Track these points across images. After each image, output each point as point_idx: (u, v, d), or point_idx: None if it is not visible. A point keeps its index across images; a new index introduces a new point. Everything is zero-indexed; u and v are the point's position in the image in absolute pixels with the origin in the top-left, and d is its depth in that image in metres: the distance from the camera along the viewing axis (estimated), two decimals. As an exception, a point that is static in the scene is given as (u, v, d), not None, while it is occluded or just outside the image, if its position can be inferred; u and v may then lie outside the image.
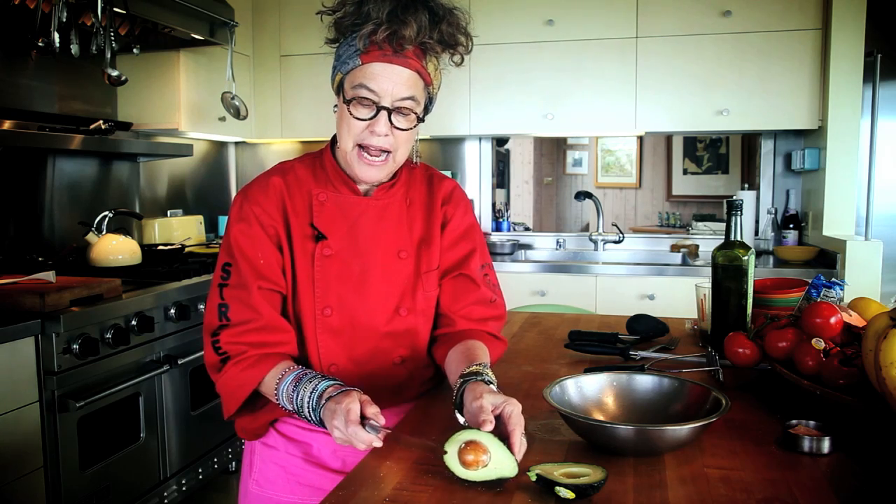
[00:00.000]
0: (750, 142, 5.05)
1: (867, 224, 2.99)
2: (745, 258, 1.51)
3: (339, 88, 1.24)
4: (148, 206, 3.42)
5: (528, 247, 3.90)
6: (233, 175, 4.18)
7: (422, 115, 1.25)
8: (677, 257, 3.64)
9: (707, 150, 5.68)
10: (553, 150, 6.14)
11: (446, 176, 1.42)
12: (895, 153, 3.51)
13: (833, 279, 1.54)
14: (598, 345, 1.58)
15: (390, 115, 1.20)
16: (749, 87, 3.25)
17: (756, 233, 3.62)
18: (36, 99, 2.76)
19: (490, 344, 1.31)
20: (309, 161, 1.33)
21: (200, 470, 2.66)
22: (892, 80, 3.42)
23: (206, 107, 3.37)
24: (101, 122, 2.80)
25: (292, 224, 1.26)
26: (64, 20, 2.36)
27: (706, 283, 1.65)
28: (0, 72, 2.60)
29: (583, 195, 3.82)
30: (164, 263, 2.78)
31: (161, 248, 2.98)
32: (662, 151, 5.88)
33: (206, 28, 3.01)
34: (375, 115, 1.19)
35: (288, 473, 1.32)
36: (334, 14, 1.22)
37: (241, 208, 1.26)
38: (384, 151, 1.22)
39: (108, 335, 2.15)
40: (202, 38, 3.02)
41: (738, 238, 1.52)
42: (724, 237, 1.54)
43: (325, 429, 1.08)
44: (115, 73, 2.72)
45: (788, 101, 3.22)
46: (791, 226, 3.49)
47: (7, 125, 2.54)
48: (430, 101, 1.28)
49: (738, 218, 1.53)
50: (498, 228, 4.00)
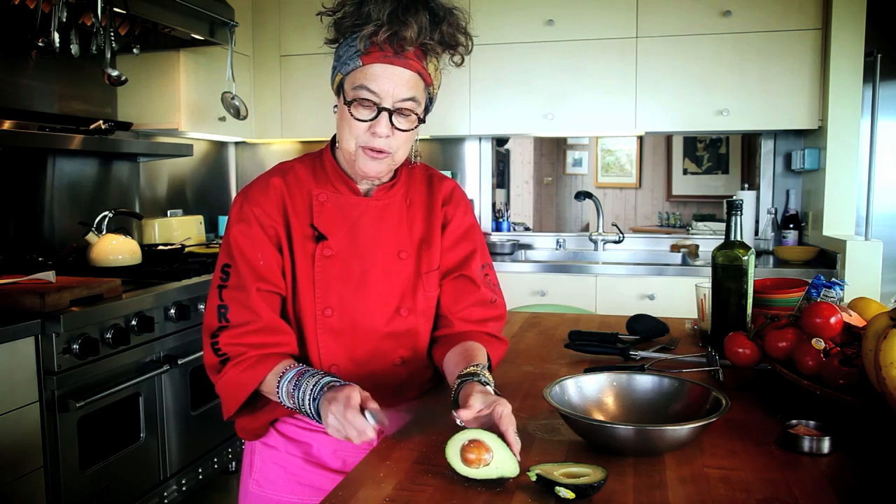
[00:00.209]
0: (750, 142, 5.05)
1: (867, 224, 2.99)
2: (745, 258, 1.51)
3: (340, 89, 1.24)
4: (148, 206, 3.43)
5: (528, 247, 3.90)
6: (233, 175, 4.18)
7: (422, 115, 1.25)
8: (677, 257, 3.64)
9: (707, 150, 5.68)
10: (553, 150, 6.14)
11: (446, 176, 1.42)
12: (895, 153, 3.51)
13: (833, 279, 1.54)
14: (598, 345, 1.58)
15: (391, 116, 1.20)
16: (749, 87, 3.25)
17: (756, 233, 3.62)
18: (36, 99, 2.76)
19: (490, 345, 1.31)
20: (309, 161, 1.33)
21: (200, 470, 2.66)
22: (892, 80, 3.42)
23: (206, 107, 3.37)
24: (101, 122, 2.80)
25: (293, 224, 1.26)
26: (64, 20, 2.36)
27: (706, 283, 1.65)
28: (0, 72, 2.61)
29: (583, 195, 3.82)
30: (164, 263, 2.78)
31: (161, 248, 2.98)
32: (662, 151, 5.88)
33: (206, 28, 3.01)
34: (376, 117, 1.19)
35: (288, 473, 1.32)
36: (334, 15, 1.22)
37: (241, 209, 1.26)
38: (385, 152, 1.22)
39: (108, 335, 2.15)
40: (202, 38, 3.02)
41: (738, 238, 1.52)
42: (724, 237, 1.54)
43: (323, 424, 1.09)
44: (115, 73, 2.72)
45: (788, 101, 3.22)
46: (791, 226, 3.49)
47: (7, 125, 2.54)
48: (430, 101, 1.28)
49: (738, 218, 1.53)
50: (498, 228, 4.00)
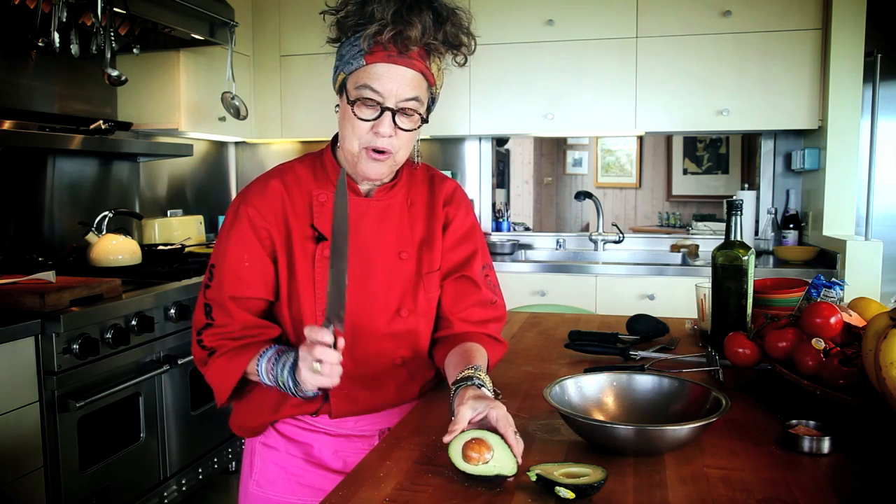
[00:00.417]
0: (750, 142, 5.05)
1: (867, 224, 2.99)
2: (745, 258, 1.51)
3: (342, 89, 1.23)
4: (148, 206, 3.42)
5: (528, 247, 3.90)
6: (233, 175, 4.18)
7: (425, 115, 1.25)
8: (677, 257, 3.64)
9: (707, 150, 5.68)
10: (553, 150, 6.14)
11: (447, 177, 1.42)
12: (895, 153, 3.51)
13: (833, 279, 1.54)
14: (598, 345, 1.58)
15: (394, 116, 1.19)
16: (749, 87, 3.25)
17: (756, 233, 3.62)
18: (36, 99, 2.76)
19: (489, 346, 1.30)
20: (309, 161, 1.32)
21: (200, 470, 2.66)
22: (892, 80, 3.42)
23: (206, 107, 3.37)
24: (101, 122, 2.79)
25: (292, 226, 1.26)
26: (64, 20, 2.36)
27: (706, 283, 1.65)
28: (0, 72, 2.61)
29: (583, 195, 3.82)
30: (164, 263, 2.78)
31: (161, 248, 2.98)
32: (662, 151, 5.87)
33: (206, 28, 3.01)
34: (379, 116, 1.19)
35: (288, 474, 1.32)
36: (337, 14, 1.21)
37: (237, 210, 1.27)
38: (387, 152, 1.22)
39: (108, 335, 2.15)
40: (202, 38, 3.02)
41: (738, 238, 1.52)
42: (724, 237, 1.54)
43: (302, 396, 1.15)
44: (115, 73, 2.72)
45: (788, 101, 3.22)
46: (791, 226, 3.49)
47: (7, 125, 2.54)
48: (432, 101, 1.27)
49: (738, 218, 1.52)
50: (498, 228, 4.00)
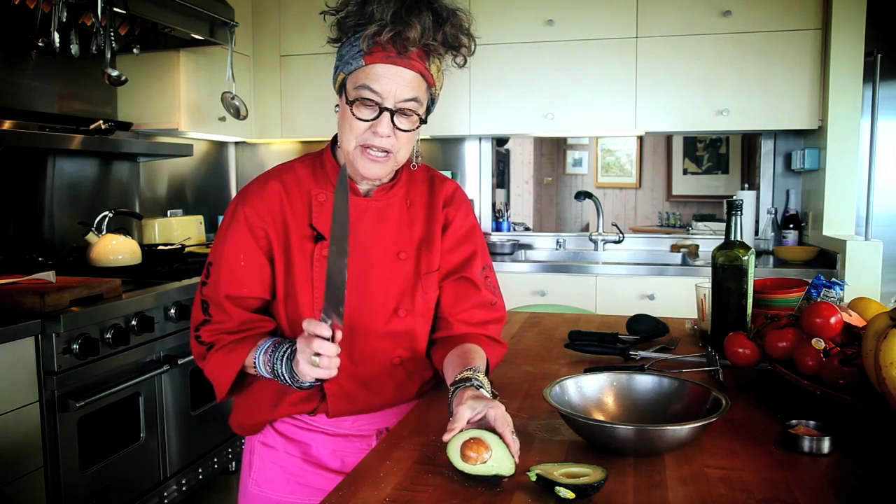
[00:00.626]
0: (750, 142, 5.05)
1: (867, 224, 2.99)
2: (745, 258, 1.51)
3: (342, 88, 1.23)
4: (148, 206, 3.42)
5: (528, 247, 3.90)
6: (233, 175, 4.18)
7: (424, 115, 1.25)
8: (677, 257, 3.64)
9: (707, 150, 5.68)
10: (553, 150, 6.14)
11: (447, 177, 1.42)
12: (895, 153, 3.51)
13: (833, 279, 1.54)
14: (598, 345, 1.58)
15: (393, 117, 1.20)
16: (749, 87, 3.25)
17: (756, 233, 3.62)
18: (36, 99, 2.76)
19: (489, 348, 1.30)
20: (309, 161, 1.33)
21: (200, 470, 2.66)
22: (892, 80, 3.42)
23: (206, 107, 3.37)
24: (101, 122, 2.80)
25: (290, 226, 1.26)
26: (64, 20, 2.36)
27: (706, 283, 1.65)
28: (0, 72, 2.61)
29: (583, 195, 3.82)
30: (164, 263, 2.78)
31: (161, 248, 2.98)
32: (662, 151, 5.87)
33: (206, 28, 3.01)
34: (378, 116, 1.19)
35: (287, 473, 1.32)
36: (337, 14, 1.22)
37: (234, 209, 1.27)
38: (386, 151, 1.22)
39: (108, 335, 2.15)
40: (202, 38, 3.02)
41: (738, 238, 1.52)
42: (724, 237, 1.54)
43: (298, 387, 1.16)
44: (115, 73, 2.72)
45: (788, 101, 3.22)
46: (791, 226, 3.48)
47: (7, 125, 2.54)
48: (432, 101, 1.28)
49: (738, 218, 1.52)
50: (498, 228, 4.00)
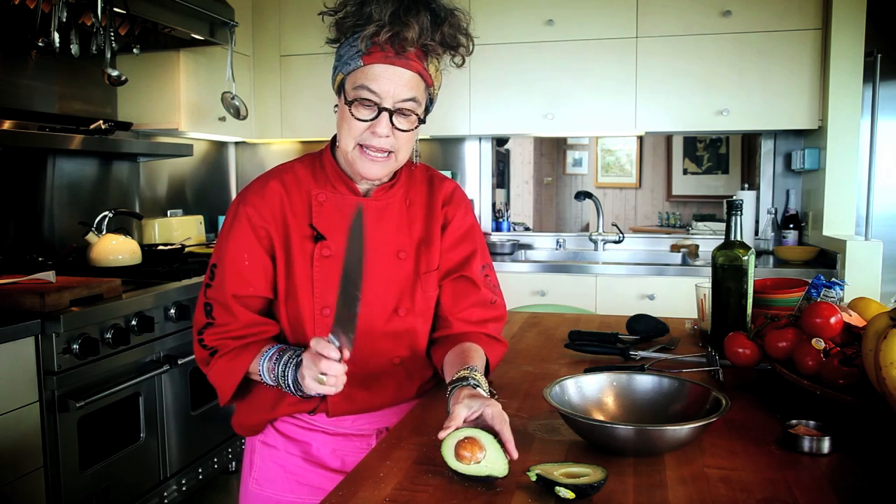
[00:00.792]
0: (750, 142, 5.05)
1: (867, 224, 2.99)
2: (745, 258, 1.51)
3: (341, 89, 1.24)
4: (148, 206, 3.42)
5: (528, 247, 3.90)
6: (233, 175, 4.18)
7: (423, 115, 1.25)
8: (677, 257, 3.64)
9: (707, 150, 5.68)
10: (553, 150, 6.14)
11: (447, 177, 1.42)
12: (895, 153, 3.51)
13: (833, 279, 1.54)
14: (598, 345, 1.58)
15: (391, 117, 1.20)
16: (749, 87, 3.25)
17: (756, 233, 3.62)
18: (36, 99, 2.76)
19: (489, 346, 1.30)
20: (309, 161, 1.33)
21: (200, 470, 2.66)
22: (892, 80, 3.42)
23: (206, 107, 3.37)
24: (101, 122, 2.80)
25: (291, 226, 1.26)
26: (64, 20, 2.36)
27: (706, 283, 1.65)
28: (0, 72, 2.61)
29: (583, 195, 3.82)
30: (164, 263, 2.78)
31: (161, 248, 2.98)
32: (662, 151, 5.87)
33: (206, 28, 3.01)
34: (377, 117, 1.19)
35: (287, 473, 1.32)
36: (336, 14, 1.22)
37: (236, 209, 1.28)
38: (385, 151, 1.22)
39: (108, 335, 2.15)
40: (202, 38, 3.02)
41: (738, 238, 1.52)
42: (724, 237, 1.54)
43: (302, 395, 1.16)
44: (115, 73, 2.72)
45: (788, 101, 3.22)
46: (791, 226, 3.48)
47: (7, 125, 2.54)
48: (430, 101, 1.28)
49: (738, 218, 1.52)
50: (498, 228, 4.00)
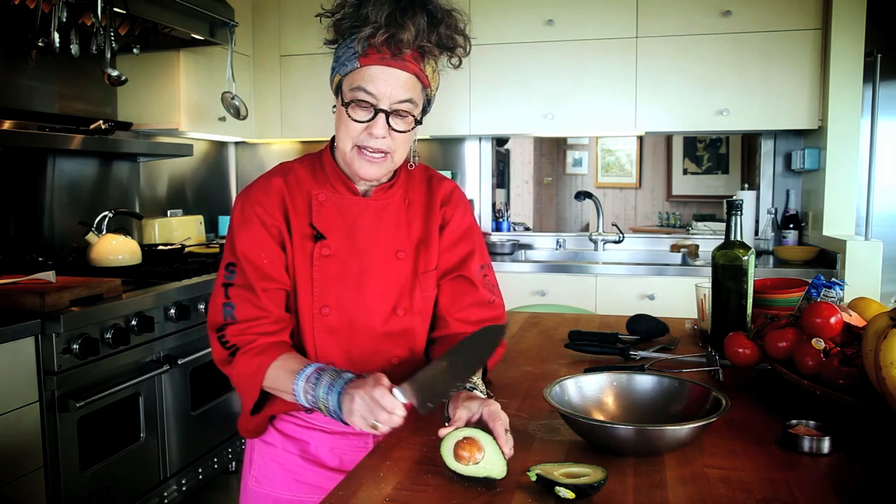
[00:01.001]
0: (750, 142, 5.05)
1: (867, 224, 2.99)
2: (745, 258, 1.51)
3: (338, 90, 1.24)
4: (148, 206, 3.42)
5: (528, 247, 3.90)
6: (233, 175, 4.18)
7: (419, 116, 1.25)
8: (677, 257, 3.64)
9: (707, 150, 5.68)
10: (553, 150, 6.14)
11: (445, 177, 1.42)
12: (895, 153, 3.51)
13: (833, 279, 1.54)
14: (598, 345, 1.58)
15: (388, 118, 1.20)
16: (749, 87, 3.25)
17: (756, 233, 3.62)
18: (36, 99, 2.76)
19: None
20: (308, 162, 1.33)
21: (200, 470, 2.65)
22: (892, 80, 3.42)
23: (206, 107, 3.37)
24: (101, 122, 2.80)
25: (293, 224, 1.27)
26: (64, 20, 2.36)
27: (706, 283, 1.65)
28: (0, 72, 2.61)
29: (583, 195, 3.82)
30: (164, 263, 2.78)
31: (161, 248, 2.98)
32: (662, 151, 5.87)
33: (206, 28, 3.01)
34: (373, 118, 1.20)
35: (286, 471, 1.32)
36: (333, 16, 1.22)
37: (242, 210, 1.26)
38: (382, 152, 1.22)
39: (108, 335, 2.15)
40: (202, 38, 3.02)
41: (738, 238, 1.52)
42: (724, 237, 1.54)
43: (335, 418, 1.09)
44: (115, 73, 2.72)
45: (788, 101, 3.22)
46: (791, 226, 3.48)
47: (7, 125, 2.54)
48: (427, 102, 1.28)
49: (738, 218, 1.53)
50: (498, 228, 4.00)
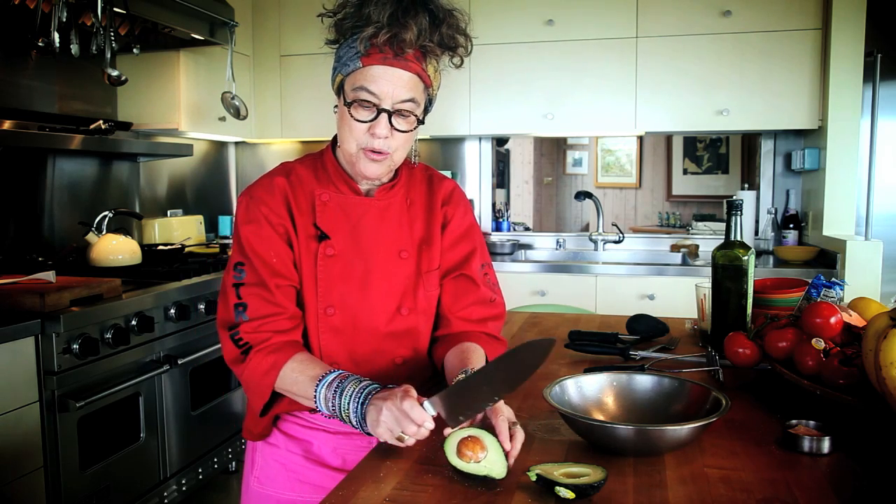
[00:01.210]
0: (750, 142, 5.05)
1: (867, 224, 2.99)
2: (745, 258, 1.51)
3: (340, 90, 1.24)
4: (148, 206, 3.42)
5: (528, 247, 3.90)
6: (233, 175, 4.18)
7: (421, 116, 1.25)
8: (677, 257, 3.64)
9: (707, 150, 5.68)
10: (553, 150, 6.14)
11: (446, 176, 1.42)
12: (895, 153, 3.51)
13: (833, 279, 1.54)
14: (598, 345, 1.58)
15: (391, 118, 1.20)
16: (749, 87, 3.25)
17: (756, 233, 3.62)
18: (36, 99, 2.76)
19: (488, 346, 1.31)
20: (310, 162, 1.33)
21: (200, 470, 2.65)
22: (892, 80, 3.42)
23: (206, 107, 3.37)
24: (101, 122, 2.80)
25: (298, 223, 1.27)
26: (64, 20, 2.36)
27: (706, 283, 1.65)
28: (0, 72, 2.61)
29: (583, 195, 3.82)
30: (164, 263, 2.78)
31: (161, 248, 2.98)
32: (662, 151, 5.87)
33: (206, 28, 3.01)
34: (376, 118, 1.20)
35: (288, 471, 1.32)
36: (335, 16, 1.22)
37: (247, 209, 1.26)
38: (384, 153, 1.23)
39: (108, 335, 2.15)
40: (202, 38, 3.02)
41: (738, 238, 1.53)
42: (724, 237, 1.55)
43: (356, 428, 1.07)
44: (115, 73, 2.72)
45: (788, 101, 3.22)
46: (791, 226, 3.49)
47: (7, 125, 2.54)
48: (429, 102, 1.28)
49: (738, 218, 1.53)
50: (498, 228, 4.00)
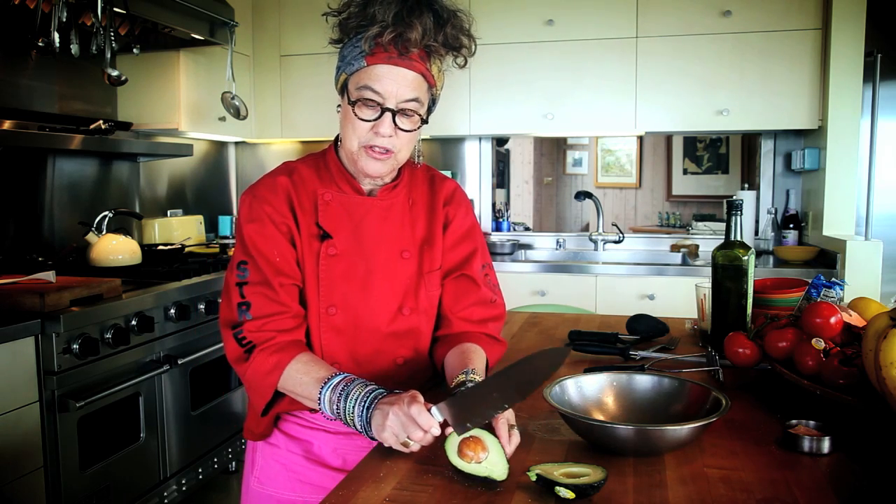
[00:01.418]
0: (750, 142, 5.05)
1: (867, 224, 2.99)
2: (745, 258, 1.51)
3: (344, 89, 1.24)
4: (148, 206, 3.42)
5: (528, 247, 3.90)
6: (233, 175, 4.18)
7: (425, 116, 1.26)
8: (677, 257, 3.64)
9: (707, 150, 5.68)
10: (553, 150, 6.14)
11: (447, 177, 1.43)
12: (895, 153, 3.51)
13: (833, 279, 1.54)
14: (598, 345, 1.58)
15: (395, 117, 1.20)
16: (749, 87, 3.25)
17: (756, 233, 3.62)
18: (36, 99, 2.76)
19: (488, 346, 1.31)
20: (312, 161, 1.33)
21: (200, 470, 2.66)
22: (892, 80, 3.42)
23: (206, 107, 3.37)
24: (101, 122, 2.80)
25: (300, 222, 1.27)
26: (64, 20, 2.37)
27: (706, 283, 1.65)
28: (0, 72, 2.61)
29: (583, 195, 3.82)
30: (164, 263, 2.78)
31: (161, 248, 2.98)
32: (662, 151, 5.87)
33: (206, 28, 3.01)
34: (380, 117, 1.20)
35: (289, 471, 1.32)
36: (339, 15, 1.22)
37: (251, 208, 1.26)
38: (387, 150, 1.23)
39: (108, 335, 2.15)
40: (202, 38, 3.02)
41: (738, 238, 1.53)
42: (724, 237, 1.55)
43: (360, 432, 1.07)
44: (115, 73, 2.72)
45: (788, 101, 3.22)
46: (791, 226, 3.49)
47: (7, 125, 2.54)
48: (433, 101, 1.29)
49: (738, 218, 1.53)
50: (498, 228, 4.00)
